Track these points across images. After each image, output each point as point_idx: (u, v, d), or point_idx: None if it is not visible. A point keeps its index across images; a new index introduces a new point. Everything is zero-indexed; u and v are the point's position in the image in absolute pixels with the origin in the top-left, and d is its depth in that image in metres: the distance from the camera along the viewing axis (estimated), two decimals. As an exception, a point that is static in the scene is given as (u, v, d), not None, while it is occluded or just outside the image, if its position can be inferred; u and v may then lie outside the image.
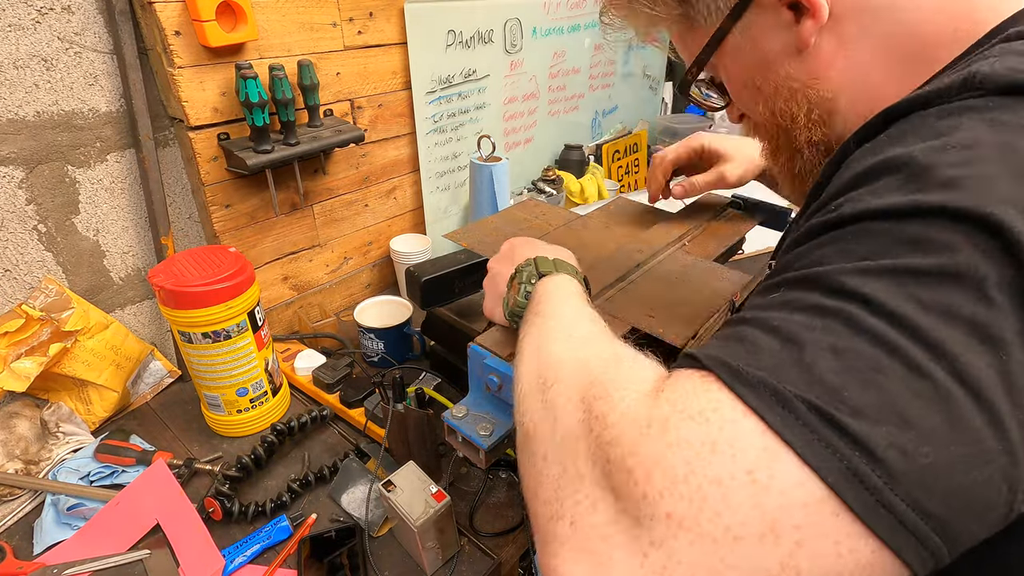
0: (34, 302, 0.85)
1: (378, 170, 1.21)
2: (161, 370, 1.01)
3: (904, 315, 0.26)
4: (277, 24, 0.94)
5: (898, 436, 0.25)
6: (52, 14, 0.77)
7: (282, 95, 0.91)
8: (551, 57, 1.53)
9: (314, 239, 1.15)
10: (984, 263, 0.26)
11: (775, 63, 0.44)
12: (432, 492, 0.69)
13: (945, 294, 0.26)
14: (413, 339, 1.07)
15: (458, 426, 0.61)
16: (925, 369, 0.25)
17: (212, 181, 0.94)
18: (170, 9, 0.81)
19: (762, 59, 0.44)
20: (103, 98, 0.85)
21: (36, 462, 0.82)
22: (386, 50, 1.12)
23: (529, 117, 1.56)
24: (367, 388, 0.94)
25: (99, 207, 0.90)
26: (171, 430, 0.93)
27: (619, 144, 1.80)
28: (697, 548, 0.25)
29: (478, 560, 0.73)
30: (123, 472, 0.82)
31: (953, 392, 0.25)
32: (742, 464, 0.26)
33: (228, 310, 0.80)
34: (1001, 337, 0.25)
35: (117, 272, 0.96)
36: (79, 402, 0.91)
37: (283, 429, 0.86)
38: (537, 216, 0.98)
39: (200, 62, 0.86)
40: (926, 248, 0.27)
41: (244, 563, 0.72)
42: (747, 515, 0.25)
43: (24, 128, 0.79)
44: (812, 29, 0.40)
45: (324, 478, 0.83)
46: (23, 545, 0.74)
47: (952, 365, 0.25)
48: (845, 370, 0.26)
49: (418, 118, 1.23)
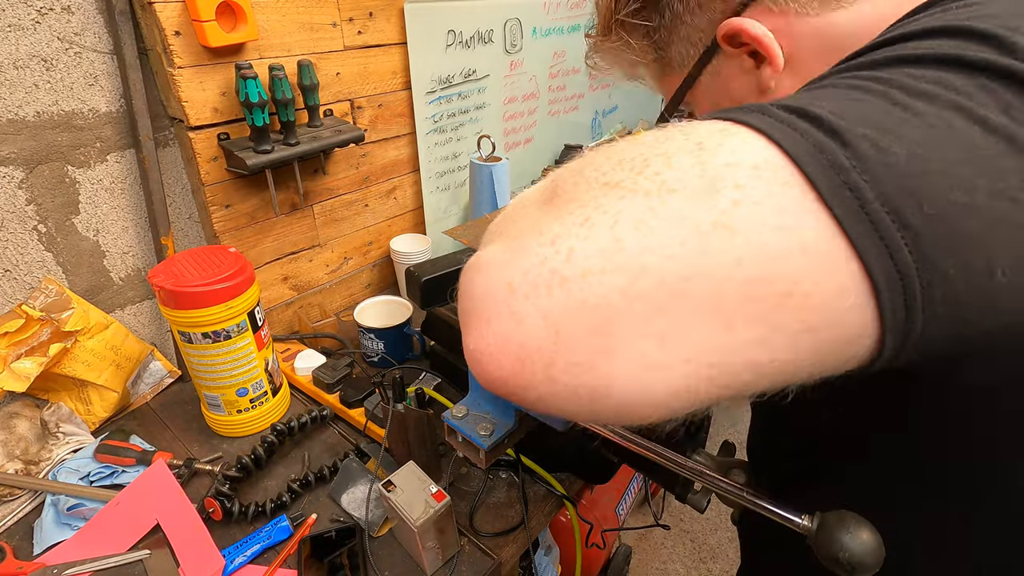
0: (34, 302, 0.85)
1: (378, 170, 1.21)
2: (161, 370, 1.01)
3: (891, 77, 0.25)
4: (277, 24, 0.94)
5: (871, 133, 0.22)
6: (52, 14, 0.78)
7: (282, 95, 0.91)
8: (551, 57, 1.53)
9: (314, 239, 1.15)
10: (981, 60, 0.24)
11: (742, 100, 0.47)
12: (432, 492, 0.69)
13: (939, 72, 0.25)
14: (413, 339, 1.08)
15: (458, 426, 0.61)
16: (908, 104, 0.24)
17: (212, 181, 0.94)
18: (170, 9, 0.81)
19: (731, 98, 0.48)
20: (103, 98, 0.85)
21: (36, 462, 0.82)
22: (386, 50, 1.12)
23: (529, 117, 1.56)
24: (367, 388, 0.94)
25: (99, 207, 0.90)
26: (171, 430, 0.93)
27: (619, 144, 1.81)
28: (627, 201, 0.23)
29: (478, 560, 0.73)
30: (123, 472, 0.82)
31: (933, 122, 0.23)
32: (693, 139, 0.24)
33: (228, 310, 0.80)
34: (987, 117, 0.23)
35: (117, 272, 0.96)
36: (79, 402, 0.91)
37: (283, 429, 0.86)
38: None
39: (200, 62, 0.86)
40: (923, 48, 0.26)
41: (244, 563, 0.72)
42: (686, 172, 0.23)
43: (24, 128, 0.79)
44: (770, 76, 0.43)
45: (324, 478, 0.83)
46: (23, 545, 0.74)
47: (935, 107, 0.23)
48: (823, 97, 0.25)
49: (418, 118, 1.23)
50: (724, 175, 0.23)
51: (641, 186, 0.23)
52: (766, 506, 0.46)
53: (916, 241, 0.21)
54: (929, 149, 0.22)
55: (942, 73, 0.25)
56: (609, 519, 1.45)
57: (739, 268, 0.22)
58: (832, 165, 0.22)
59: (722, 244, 0.22)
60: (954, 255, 0.22)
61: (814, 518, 0.42)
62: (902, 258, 0.21)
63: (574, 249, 0.23)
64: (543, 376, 0.24)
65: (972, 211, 0.22)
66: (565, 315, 0.23)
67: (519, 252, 0.25)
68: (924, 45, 0.27)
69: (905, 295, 0.22)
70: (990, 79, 0.24)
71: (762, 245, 0.22)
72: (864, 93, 0.25)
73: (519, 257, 0.24)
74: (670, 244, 0.22)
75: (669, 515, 1.91)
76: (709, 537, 1.84)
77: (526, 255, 0.24)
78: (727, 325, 0.22)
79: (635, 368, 0.23)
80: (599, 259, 0.23)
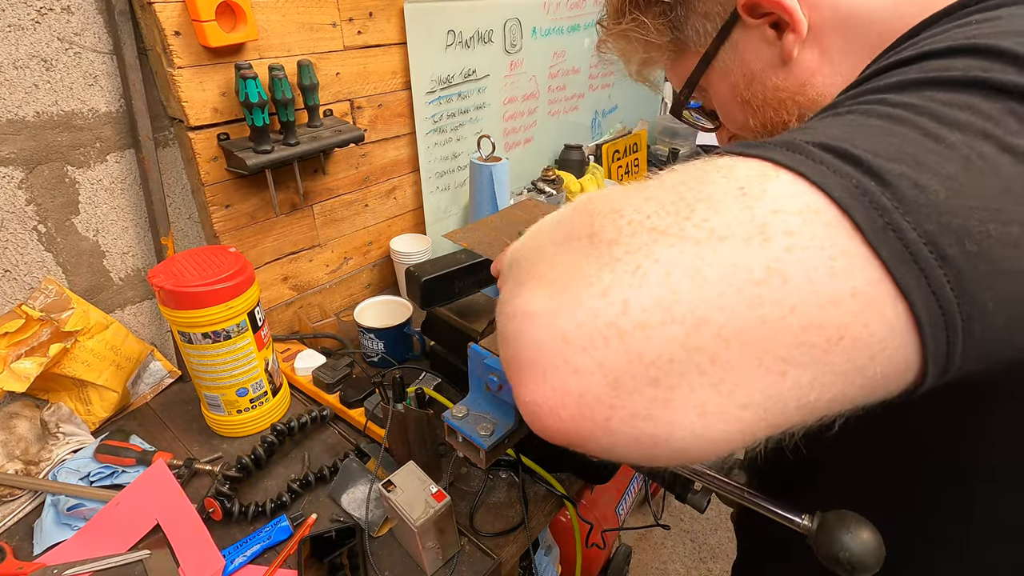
0: (34, 302, 0.84)
1: (378, 170, 1.21)
2: (161, 370, 1.01)
3: (921, 104, 0.25)
4: (277, 24, 0.94)
5: (910, 171, 0.23)
6: (52, 14, 0.77)
7: (282, 95, 0.91)
8: (551, 57, 1.53)
9: (314, 239, 1.15)
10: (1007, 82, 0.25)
11: (762, 76, 0.46)
12: (432, 492, 0.69)
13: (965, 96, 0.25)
14: (413, 339, 1.07)
15: (458, 426, 0.61)
16: (940, 136, 0.24)
17: (212, 181, 0.94)
18: (170, 9, 0.81)
19: (750, 74, 0.47)
20: (103, 98, 0.85)
21: (36, 462, 0.82)
22: (386, 50, 1.12)
23: (529, 117, 1.56)
24: (367, 388, 0.94)
25: (99, 207, 0.90)
26: (171, 430, 0.93)
27: (619, 144, 1.81)
28: (677, 249, 0.23)
29: (478, 560, 0.73)
30: (123, 472, 0.82)
31: (968, 154, 0.23)
32: (735, 184, 0.24)
33: (228, 310, 0.80)
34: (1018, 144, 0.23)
35: (117, 272, 0.96)
36: (79, 402, 0.91)
37: (283, 429, 0.86)
38: (537, 216, 0.98)
39: (200, 62, 0.86)
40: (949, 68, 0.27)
41: (244, 563, 0.72)
42: (735, 219, 0.23)
43: (24, 128, 0.79)
44: (794, 42, 0.43)
45: (324, 478, 0.83)
46: (23, 545, 0.74)
47: (967, 137, 0.24)
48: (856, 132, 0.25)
49: (418, 118, 1.23)
50: (773, 222, 0.23)
51: (690, 234, 0.23)
52: (766, 506, 0.46)
53: (958, 278, 0.22)
54: (965, 183, 0.23)
55: (970, 98, 0.25)
56: (609, 519, 1.45)
57: (793, 316, 0.22)
58: (875, 206, 0.22)
59: (776, 293, 0.22)
60: (992, 288, 0.23)
61: (814, 518, 0.42)
62: (944, 294, 0.22)
63: (629, 301, 0.23)
64: (603, 427, 0.24)
65: (1008, 244, 0.22)
66: (623, 367, 0.23)
67: (570, 303, 0.24)
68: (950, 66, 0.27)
69: (947, 330, 0.22)
70: (1017, 102, 0.24)
71: (815, 292, 0.22)
72: (895, 123, 0.25)
73: (571, 308, 0.24)
74: (726, 294, 0.22)
75: (669, 515, 1.91)
76: (709, 537, 1.84)
77: (578, 306, 0.24)
78: (781, 372, 0.23)
79: (693, 416, 0.23)
80: (656, 311, 0.23)
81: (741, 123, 0.51)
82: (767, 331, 0.22)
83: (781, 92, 0.45)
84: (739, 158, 0.26)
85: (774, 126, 0.47)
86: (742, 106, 0.49)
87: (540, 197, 1.48)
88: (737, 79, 0.48)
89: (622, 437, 0.24)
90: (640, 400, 0.23)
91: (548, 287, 0.26)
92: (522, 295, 0.27)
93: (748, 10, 0.43)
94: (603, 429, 0.24)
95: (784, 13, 0.42)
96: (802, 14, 0.41)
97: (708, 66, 0.48)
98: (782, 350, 0.22)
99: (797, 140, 0.25)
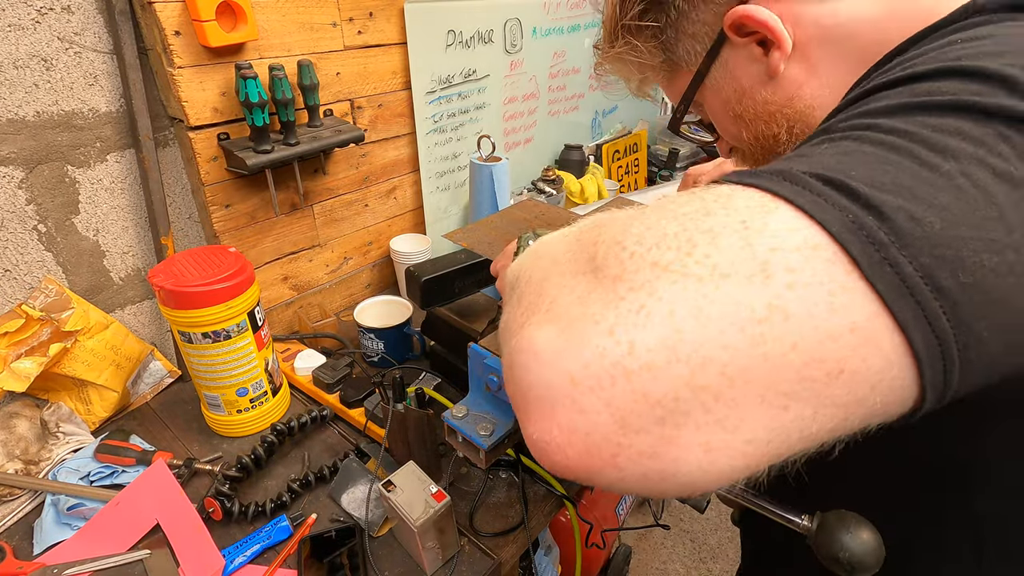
0: (34, 302, 0.85)
1: (378, 170, 1.21)
2: (161, 370, 1.01)
3: (913, 131, 0.26)
4: (277, 24, 0.94)
5: (906, 204, 0.23)
6: (52, 14, 0.77)
7: (282, 95, 0.91)
8: (551, 57, 1.53)
9: (314, 239, 1.15)
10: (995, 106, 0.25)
11: (752, 91, 0.47)
12: (432, 492, 0.69)
13: (955, 121, 0.25)
14: (413, 339, 1.07)
15: (458, 426, 0.61)
16: (934, 164, 0.24)
17: (212, 181, 0.94)
18: (170, 9, 0.81)
19: (740, 90, 0.48)
20: (103, 98, 0.85)
21: (36, 462, 0.82)
22: (386, 50, 1.12)
23: (529, 117, 1.56)
24: (367, 388, 0.94)
25: (99, 207, 0.90)
26: (171, 430, 0.93)
27: (619, 144, 1.80)
28: (680, 286, 0.24)
29: (478, 560, 0.73)
30: (123, 472, 0.82)
31: (962, 184, 0.24)
32: (736, 217, 0.25)
33: (228, 310, 0.80)
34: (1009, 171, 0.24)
35: (117, 272, 0.96)
36: (79, 402, 0.91)
37: (283, 429, 0.86)
38: (537, 216, 0.98)
39: (200, 62, 0.86)
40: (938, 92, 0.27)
41: (244, 563, 0.72)
42: (737, 255, 0.24)
43: (24, 128, 0.79)
44: (780, 59, 0.44)
45: (324, 478, 0.83)
46: (23, 545, 0.74)
47: (961, 165, 0.24)
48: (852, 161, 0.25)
49: (418, 118, 1.23)
50: (774, 259, 0.23)
51: (692, 271, 0.24)
52: (766, 506, 0.46)
53: (953, 309, 0.23)
54: (959, 213, 0.23)
55: (960, 122, 0.25)
56: (609, 519, 1.45)
57: (795, 352, 0.23)
58: (872, 241, 0.23)
59: (778, 330, 0.23)
60: (987, 317, 0.23)
61: (814, 518, 0.42)
62: (940, 325, 0.23)
63: (635, 342, 0.23)
64: (610, 464, 0.24)
65: (1002, 273, 0.23)
66: (630, 407, 0.23)
67: (577, 342, 0.25)
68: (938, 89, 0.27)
69: (944, 359, 0.23)
70: (1006, 125, 0.25)
71: (815, 328, 0.23)
72: (889, 151, 0.25)
73: (577, 348, 0.24)
74: (729, 332, 0.23)
75: (669, 515, 1.91)
76: (709, 537, 1.84)
77: (584, 346, 0.24)
78: (784, 406, 0.23)
79: (699, 453, 0.24)
80: (661, 351, 0.23)
81: (735, 136, 0.52)
82: (769, 368, 0.23)
83: (770, 105, 0.47)
84: (738, 187, 0.26)
85: (765, 139, 0.49)
86: (735, 120, 0.50)
87: (540, 197, 1.48)
88: (728, 95, 0.49)
89: (629, 474, 0.25)
90: (647, 438, 0.24)
91: (554, 322, 0.26)
92: (528, 328, 0.27)
93: (734, 30, 0.45)
94: (610, 466, 0.24)
95: (768, 32, 0.43)
96: (786, 32, 0.43)
97: (701, 83, 0.50)
98: (784, 385, 0.23)
99: (794, 170, 0.26)
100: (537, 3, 1.42)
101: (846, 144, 0.27)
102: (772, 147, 0.49)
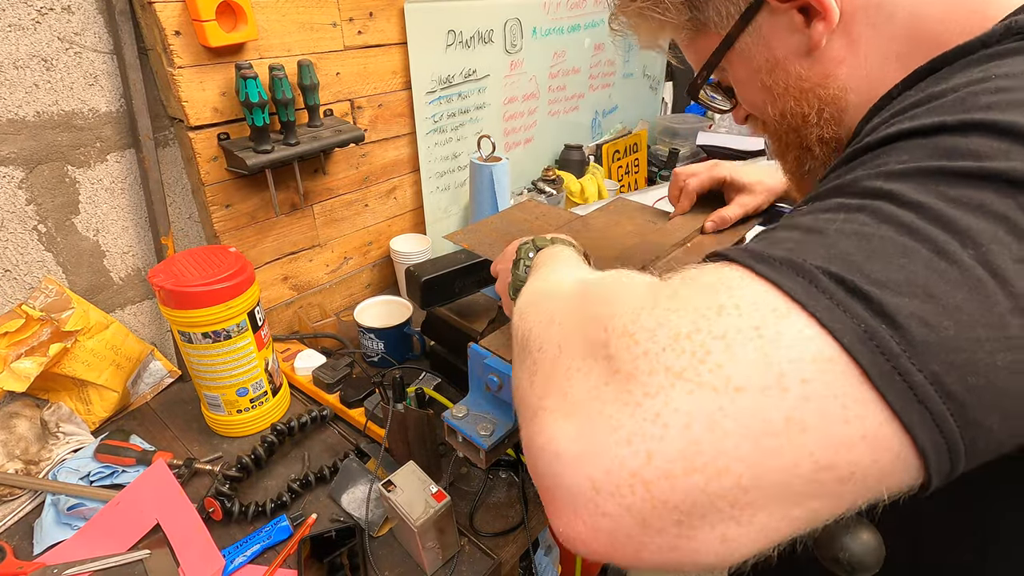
0: (34, 302, 0.85)
1: (378, 170, 1.21)
2: (161, 370, 1.01)
3: (931, 206, 0.25)
4: (277, 24, 0.94)
5: (920, 307, 0.24)
6: (52, 14, 0.77)
7: (282, 95, 0.91)
8: (551, 57, 1.53)
9: (314, 239, 1.15)
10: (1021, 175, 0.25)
11: (785, 64, 0.44)
12: (432, 492, 0.69)
13: (976, 192, 0.25)
14: (413, 339, 1.08)
15: (458, 426, 0.61)
16: (951, 253, 0.24)
17: (212, 181, 0.94)
18: (170, 9, 0.81)
19: (772, 61, 0.45)
20: (103, 98, 0.85)
21: (36, 462, 0.82)
22: (386, 50, 1.12)
23: (529, 117, 1.56)
24: (367, 388, 0.94)
25: (99, 207, 0.90)
26: (171, 430, 0.93)
27: (619, 144, 1.80)
28: (695, 397, 0.24)
29: (478, 560, 0.73)
30: (123, 472, 0.82)
31: (980, 276, 0.24)
32: (749, 321, 0.25)
33: (228, 310, 0.80)
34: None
35: (117, 272, 0.96)
36: (79, 402, 0.91)
37: (283, 429, 0.86)
38: (537, 216, 0.98)
39: (200, 62, 0.86)
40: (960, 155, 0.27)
41: (244, 563, 0.72)
42: (751, 367, 0.24)
43: (24, 128, 0.79)
44: (823, 31, 0.41)
45: (324, 478, 0.83)
46: (23, 545, 0.74)
47: (979, 252, 0.24)
48: (868, 249, 0.26)
49: (418, 118, 1.23)
50: (790, 371, 0.24)
51: (707, 380, 0.24)
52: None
53: (961, 411, 0.24)
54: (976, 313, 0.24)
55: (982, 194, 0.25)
56: (609, 519, 1.45)
57: (810, 460, 0.24)
58: (882, 351, 0.23)
59: (795, 442, 0.24)
60: (997, 412, 0.24)
61: (814, 518, 0.42)
62: (947, 427, 0.24)
63: (653, 453, 0.24)
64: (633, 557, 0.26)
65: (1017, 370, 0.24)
66: (649, 511, 0.24)
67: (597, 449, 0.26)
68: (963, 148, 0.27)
69: (950, 453, 0.24)
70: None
71: (829, 438, 0.24)
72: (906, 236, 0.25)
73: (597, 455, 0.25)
74: (744, 444, 0.24)
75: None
76: (709, 537, 1.84)
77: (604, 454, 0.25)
78: (796, 503, 0.25)
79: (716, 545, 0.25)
80: (679, 462, 0.24)
81: (759, 106, 0.49)
82: (784, 476, 0.24)
83: (804, 82, 0.44)
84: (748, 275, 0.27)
85: (794, 117, 0.46)
86: (762, 91, 0.47)
87: (540, 197, 1.48)
88: (759, 64, 0.46)
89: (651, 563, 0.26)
90: (666, 537, 0.25)
91: (571, 418, 0.27)
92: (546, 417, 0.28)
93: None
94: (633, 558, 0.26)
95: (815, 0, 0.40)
96: (833, 2, 0.39)
97: (730, 48, 0.46)
98: (798, 487, 0.24)
99: (807, 264, 0.26)
100: (537, 3, 1.42)
101: (862, 219, 0.27)
102: (799, 127, 0.47)
